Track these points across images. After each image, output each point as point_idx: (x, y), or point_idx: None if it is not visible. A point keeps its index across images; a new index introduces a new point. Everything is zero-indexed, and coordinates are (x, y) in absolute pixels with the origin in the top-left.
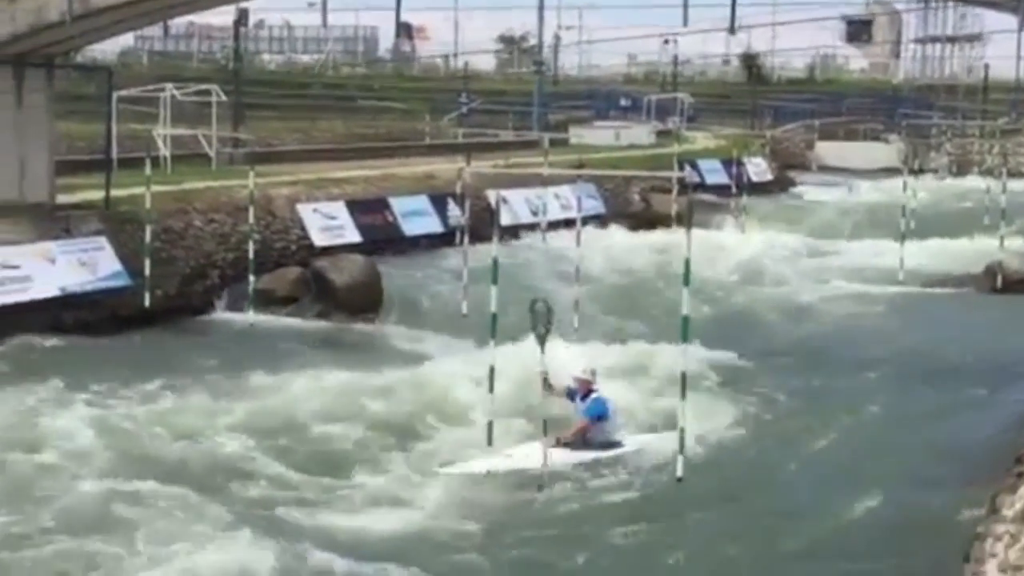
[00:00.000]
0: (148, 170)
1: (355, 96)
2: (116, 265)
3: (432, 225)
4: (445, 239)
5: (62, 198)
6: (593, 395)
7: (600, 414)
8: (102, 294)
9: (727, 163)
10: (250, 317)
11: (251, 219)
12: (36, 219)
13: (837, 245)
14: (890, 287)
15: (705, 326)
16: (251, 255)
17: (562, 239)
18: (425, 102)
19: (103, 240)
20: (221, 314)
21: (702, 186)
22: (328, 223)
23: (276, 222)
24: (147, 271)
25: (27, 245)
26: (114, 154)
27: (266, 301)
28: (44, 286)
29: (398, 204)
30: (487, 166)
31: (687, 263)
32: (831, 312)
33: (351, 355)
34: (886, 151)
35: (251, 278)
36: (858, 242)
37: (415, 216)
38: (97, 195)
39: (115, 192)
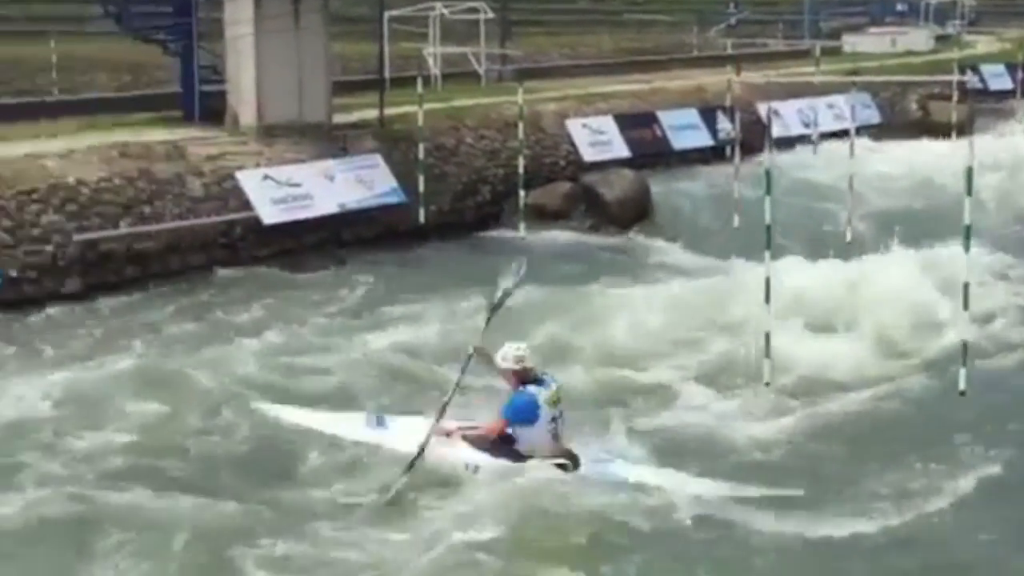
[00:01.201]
0: (420, 88)
1: (621, 10)
2: (391, 182)
3: (701, 138)
4: (714, 152)
5: (338, 118)
6: (524, 388)
7: (521, 415)
8: (378, 211)
9: (1012, 68)
10: (521, 231)
11: (521, 135)
12: (315, 139)
13: None
14: None
15: (989, 237)
16: (521, 171)
17: (835, 150)
18: (692, 14)
19: (378, 158)
20: (493, 228)
21: (985, 92)
22: (596, 138)
23: (545, 138)
24: (421, 188)
25: (308, 164)
26: (387, 73)
27: (536, 216)
28: (324, 203)
29: (666, 118)
30: (757, 77)
31: (969, 171)
32: None
33: (623, 268)
34: None
35: (521, 193)
36: None
37: (684, 130)
38: (371, 114)
39: (388, 111)
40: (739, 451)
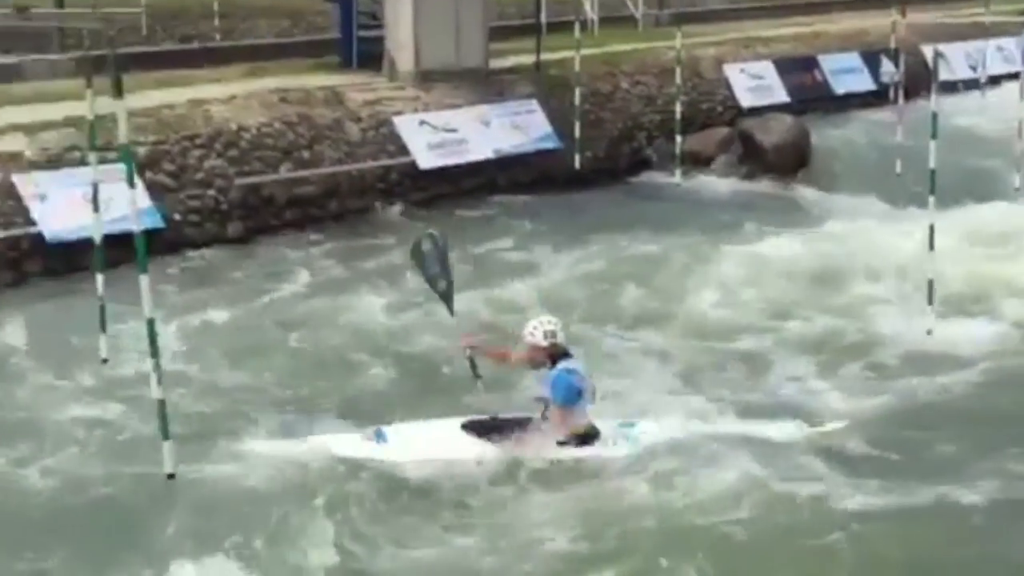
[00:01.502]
0: (577, 33)
1: None
2: (546, 127)
3: (863, 83)
4: (875, 97)
5: (494, 63)
6: (560, 365)
7: (573, 390)
8: (533, 156)
9: None
10: (677, 178)
11: (678, 80)
12: (471, 84)
13: None
14: None
15: None
16: (678, 116)
17: (1004, 93)
18: None
19: (534, 103)
20: (649, 174)
21: None
22: (755, 83)
23: (702, 83)
24: (576, 133)
25: (464, 109)
26: (543, 18)
27: (693, 162)
28: (480, 148)
29: (827, 62)
30: (923, 18)
31: None
32: None
33: (781, 215)
34: None
35: (678, 139)
36: None
37: (845, 74)
38: (527, 60)
39: (544, 56)
40: (867, 408)
